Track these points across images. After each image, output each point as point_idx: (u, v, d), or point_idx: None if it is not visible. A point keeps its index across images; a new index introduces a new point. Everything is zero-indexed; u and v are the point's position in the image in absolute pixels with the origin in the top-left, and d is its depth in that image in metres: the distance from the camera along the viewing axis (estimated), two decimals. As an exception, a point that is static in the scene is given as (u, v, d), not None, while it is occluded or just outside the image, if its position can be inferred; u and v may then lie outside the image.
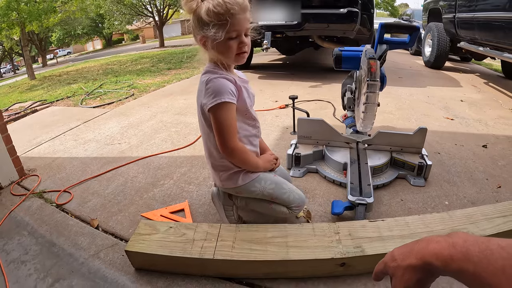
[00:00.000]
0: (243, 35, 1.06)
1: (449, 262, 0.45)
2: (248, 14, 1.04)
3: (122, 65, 8.12)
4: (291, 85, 4.00)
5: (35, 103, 4.57)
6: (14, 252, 1.35)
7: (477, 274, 0.42)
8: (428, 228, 1.17)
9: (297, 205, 1.28)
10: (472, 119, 2.70)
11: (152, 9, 19.30)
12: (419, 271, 0.49)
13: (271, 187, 1.25)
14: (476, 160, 1.95)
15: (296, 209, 1.29)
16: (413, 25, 1.68)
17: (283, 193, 1.26)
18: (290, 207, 1.28)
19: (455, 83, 4.15)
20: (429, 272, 0.49)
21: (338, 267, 1.07)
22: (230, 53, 1.07)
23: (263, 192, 1.25)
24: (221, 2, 0.98)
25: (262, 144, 1.39)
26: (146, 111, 3.24)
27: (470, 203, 1.52)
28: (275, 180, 1.28)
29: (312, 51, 5.95)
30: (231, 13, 0.99)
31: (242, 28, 1.04)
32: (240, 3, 1.00)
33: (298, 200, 1.28)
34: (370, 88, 1.44)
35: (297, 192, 1.30)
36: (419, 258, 0.49)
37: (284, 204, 1.28)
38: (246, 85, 1.20)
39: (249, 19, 1.05)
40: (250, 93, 1.20)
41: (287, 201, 1.27)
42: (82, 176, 1.95)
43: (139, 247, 1.12)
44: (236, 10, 1.00)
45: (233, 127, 1.10)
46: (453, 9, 4.37)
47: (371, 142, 1.80)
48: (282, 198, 1.26)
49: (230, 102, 1.06)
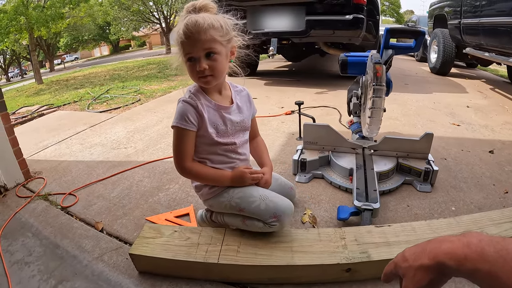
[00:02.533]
0: (202, 58, 1.01)
1: (463, 261, 0.44)
2: (211, 34, 0.99)
3: (129, 71, 8.19)
4: (297, 91, 4.00)
5: (42, 107, 4.61)
6: (18, 253, 1.35)
7: (492, 273, 0.41)
8: (435, 233, 1.16)
9: (273, 215, 1.08)
10: (478, 124, 2.67)
11: (159, 15, 19.54)
12: (432, 271, 0.48)
13: (238, 195, 1.14)
14: (483, 165, 1.93)
15: (273, 221, 1.09)
16: (418, 30, 1.67)
17: (252, 202, 1.10)
18: (265, 221, 1.09)
19: (461, 89, 4.13)
20: (441, 273, 0.48)
21: (344, 273, 1.05)
22: (191, 75, 1.07)
23: (231, 203, 1.14)
24: (182, 22, 1.00)
25: (262, 159, 1.31)
26: (152, 116, 3.26)
27: (477, 209, 1.50)
28: (245, 189, 1.15)
29: (318, 57, 5.96)
30: (186, 34, 0.98)
31: (194, 51, 1.00)
32: (197, 24, 0.97)
33: (273, 209, 1.09)
34: (376, 93, 1.43)
35: (273, 200, 1.11)
36: (432, 258, 0.48)
37: (255, 216, 1.10)
38: (225, 111, 1.13)
39: (213, 39, 0.99)
40: (227, 119, 1.13)
41: (257, 212, 1.09)
42: (88, 179, 1.96)
43: (143, 250, 1.12)
44: (188, 31, 0.98)
45: (183, 151, 1.10)
46: (458, 15, 4.36)
47: (377, 147, 1.79)
48: (250, 209, 1.10)
49: (180, 127, 1.07)
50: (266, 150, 1.35)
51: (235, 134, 1.17)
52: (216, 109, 1.12)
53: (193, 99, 1.08)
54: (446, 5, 4.95)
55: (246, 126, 1.21)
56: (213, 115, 1.11)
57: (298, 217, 1.47)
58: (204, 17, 0.98)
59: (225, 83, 1.19)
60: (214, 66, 1.03)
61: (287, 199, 1.16)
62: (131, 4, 17.84)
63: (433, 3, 5.70)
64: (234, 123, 1.15)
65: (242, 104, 1.20)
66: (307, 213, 1.49)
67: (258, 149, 1.34)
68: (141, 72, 7.67)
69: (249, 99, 1.25)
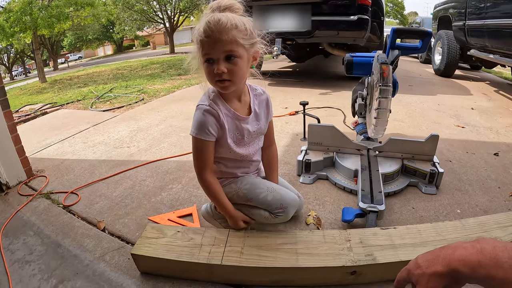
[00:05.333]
0: (221, 60, 0.95)
1: (477, 268, 0.44)
2: (234, 35, 0.93)
3: (133, 70, 8.21)
4: (301, 92, 3.98)
5: (45, 106, 4.62)
6: (19, 251, 1.34)
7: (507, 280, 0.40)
8: (441, 236, 1.14)
9: (279, 207, 1.12)
10: (483, 127, 2.65)
11: (163, 15, 19.58)
12: (445, 278, 0.47)
13: (246, 187, 1.17)
14: (488, 168, 1.91)
15: (280, 212, 1.13)
16: (425, 30, 1.66)
17: (259, 193, 1.14)
18: (272, 211, 1.14)
19: (465, 91, 4.10)
20: (455, 280, 0.47)
21: (349, 276, 1.04)
22: (208, 78, 1.01)
23: (238, 193, 1.17)
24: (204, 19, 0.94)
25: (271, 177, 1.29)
26: (156, 115, 3.25)
27: (483, 212, 1.48)
28: (252, 181, 1.19)
29: (322, 58, 5.95)
30: (206, 32, 0.93)
31: (214, 52, 0.95)
32: (220, 23, 0.91)
33: (280, 200, 1.13)
34: (383, 93, 1.41)
35: (280, 193, 1.15)
36: (445, 264, 0.47)
37: (262, 206, 1.14)
38: (243, 122, 1.11)
39: (235, 41, 0.94)
40: (244, 130, 1.12)
41: (265, 202, 1.13)
42: (90, 178, 1.95)
43: (145, 251, 1.10)
44: (209, 29, 0.93)
45: (203, 161, 1.10)
46: (463, 17, 4.33)
47: (382, 149, 1.77)
48: (258, 199, 1.14)
49: (201, 139, 1.05)
50: (277, 165, 1.32)
51: (251, 143, 1.18)
52: (234, 119, 1.09)
53: (214, 108, 1.04)
54: (450, 7, 4.92)
55: (262, 132, 1.21)
56: (231, 125, 1.09)
57: (303, 218, 1.45)
58: (228, 16, 0.93)
59: (245, 87, 1.15)
60: (234, 70, 0.97)
61: (292, 193, 1.20)
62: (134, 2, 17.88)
63: (438, 5, 5.68)
64: (251, 133, 1.15)
65: (260, 111, 1.17)
66: (311, 214, 1.47)
67: (269, 163, 1.31)
68: (144, 71, 7.69)
69: (268, 104, 1.20)
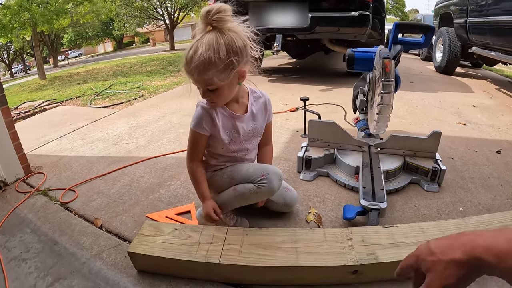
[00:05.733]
0: (204, 90, 1.07)
1: (505, 257, 0.39)
2: (209, 74, 1.00)
3: (132, 67, 8.17)
4: (301, 88, 3.95)
5: (45, 102, 4.60)
6: (15, 249, 1.32)
7: None
8: (444, 234, 1.08)
9: (261, 174, 1.16)
10: (485, 124, 2.63)
11: (163, 12, 19.49)
12: (464, 267, 0.43)
13: (230, 169, 1.26)
14: (490, 166, 1.89)
15: (262, 180, 1.16)
16: (428, 25, 1.63)
17: (242, 169, 1.23)
18: (255, 181, 1.17)
19: (466, 89, 4.07)
20: (475, 269, 0.43)
21: (350, 275, 1.01)
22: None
23: (223, 176, 1.25)
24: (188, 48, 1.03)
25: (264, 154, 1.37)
26: (155, 112, 3.22)
27: (485, 210, 1.46)
28: (235, 165, 1.28)
29: (322, 55, 5.91)
30: (186, 69, 1.04)
31: (196, 83, 1.06)
32: (194, 63, 0.99)
33: (261, 169, 1.19)
34: (385, 89, 1.38)
35: (261, 164, 1.25)
36: (467, 251, 0.43)
37: (246, 180, 1.19)
38: (238, 120, 1.19)
39: (211, 79, 1.02)
40: (240, 127, 1.20)
41: (247, 174, 1.19)
42: (88, 175, 1.93)
43: (142, 249, 1.08)
44: (187, 67, 1.02)
45: (193, 151, 1.22)
46: (464, 14, 4.29)
47: (384, 145, 1.74)
48: (241, 174, 1.21)
49: (196, 131, 1.17)
50: (270, 162, 1.37)
51: (247, 141, 1.25)
52: (230, 117, 1.18)
53: (209, 107, 1.15)
54: (452, 4, 4.87)
55: (258, 132, 1.28)
56: (226, 123, 1.18)
57: (303, 216, 1.43)
58: (203, 52, 0.98)
59: (243, 91, 1.22)
60: (217, 97, 1.09)
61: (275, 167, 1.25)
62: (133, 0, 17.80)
63: (439, 2, 5.62)
64: (247, 130, 1.22)
65: (257, 112, 1.24)
66: (311, 212, 1.45)
67: (262, 160, 1.37)
68: (144, 68, 7.65)
69: (266, 106, 1.28)
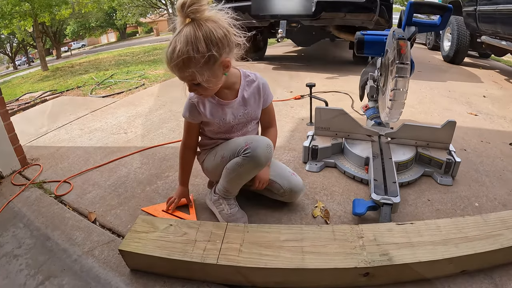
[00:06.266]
0: (188, 84, 1.08)
1: None
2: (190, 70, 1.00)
3: (135, 57, 8.09)
4: (307, 76, 3.83)
5: (45, 93, 4.54)
6: (7, 245, 1.26)
7: None
8: (462, 233, 1.02)
9: (245, 144, 1.15)
10: (496, 115, 2.52)
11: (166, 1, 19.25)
12: None
13: (219, 148, 1.28)
14: (504, 158, 1.79)
15: (246, 149, 1.14)
16: (445, 5, 1.51)
17: (228, 144, 1.24)
18: (239, 153, 1.15)
19: (475, 79, 3.94)
20: None
21: (361, 277, 0.92)
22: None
23: (216, 156, 1.27)
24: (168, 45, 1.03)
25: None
26: (156, 100, 3.14)
27: (501, 205, 1.37)
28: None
29: (328, 43, 5.78)
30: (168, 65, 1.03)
31: (180, 79, 1.07)
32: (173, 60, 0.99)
33: (245, 140, 1.18)
34: (400, 72, 1.27)
35: (245, 137, 1.24)
36: None
37: (233, 154, 1.19)
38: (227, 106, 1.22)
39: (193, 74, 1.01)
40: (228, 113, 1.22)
41: (233, 148, 1.19)
42: (84, 166, 1.86)
43: (134, 247, 1.00)
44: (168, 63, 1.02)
45: (186, 137, 1.31)
46: (474, 2, 4.14)
47: (395, 135, 1.64)
48: (229, 148, 1.22)
49: (187, 120, 1.26)
50: (274, 144, 1.31)
51: (239, 124, 1.27)
52: (217, 104, 1.21)
53: (194, 97, 1.20)
54: (461, -9, 4.70)
55: (252, 117, 1.28)
56: (215, 110, 1.21)
57: (309, 210, 1.35)
58: (181, 49, 0.97)
59: (235, 76, 1.22)
60: (203, 90, 1.09)
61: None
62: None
63: (447, -11, 5.43)
64: (237, 116, 1.24)
65: (249, 96, 1.24)
66: (318, 206, 1.36)
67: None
68: (147, 57, 7.57)
69: (259, 90, 1.26)
